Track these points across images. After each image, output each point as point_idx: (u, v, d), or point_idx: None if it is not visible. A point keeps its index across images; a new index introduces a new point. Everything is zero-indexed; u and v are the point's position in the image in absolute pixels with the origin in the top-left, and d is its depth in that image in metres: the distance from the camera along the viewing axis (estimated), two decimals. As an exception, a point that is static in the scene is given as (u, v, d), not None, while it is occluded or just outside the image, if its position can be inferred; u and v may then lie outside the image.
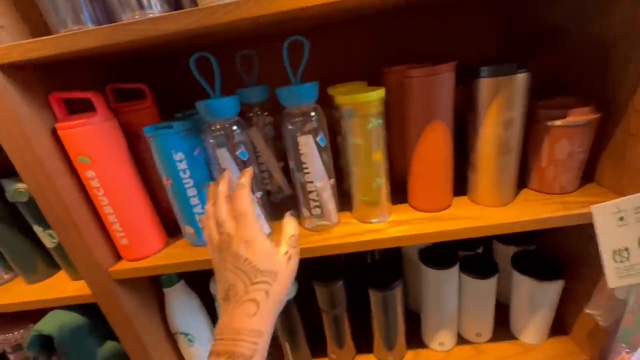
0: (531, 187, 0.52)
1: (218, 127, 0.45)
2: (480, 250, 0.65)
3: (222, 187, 0.36)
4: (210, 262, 0.44)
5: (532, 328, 0.61)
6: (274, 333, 0.31)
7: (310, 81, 0.44)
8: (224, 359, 0.27)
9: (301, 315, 0.62)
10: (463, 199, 0.53)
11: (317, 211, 0.49)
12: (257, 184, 0.49)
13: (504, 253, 0.64)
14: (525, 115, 0.45)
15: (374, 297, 0.58)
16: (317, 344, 0.66)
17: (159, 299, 0.61)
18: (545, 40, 0.55)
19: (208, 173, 0.50)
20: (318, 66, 0.68)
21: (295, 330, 0.62)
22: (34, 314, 0.65)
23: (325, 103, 0.49)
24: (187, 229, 0.51)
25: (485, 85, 0.43)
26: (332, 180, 0.49)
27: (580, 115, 0.44)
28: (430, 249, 0.61)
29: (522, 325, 0.62)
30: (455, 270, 0.57)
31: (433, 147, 0.46)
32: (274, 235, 0.52)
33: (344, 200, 0.53)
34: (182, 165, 0.47)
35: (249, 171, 0.37)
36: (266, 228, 0.51)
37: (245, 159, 0.46)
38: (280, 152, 0.63)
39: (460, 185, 0.52)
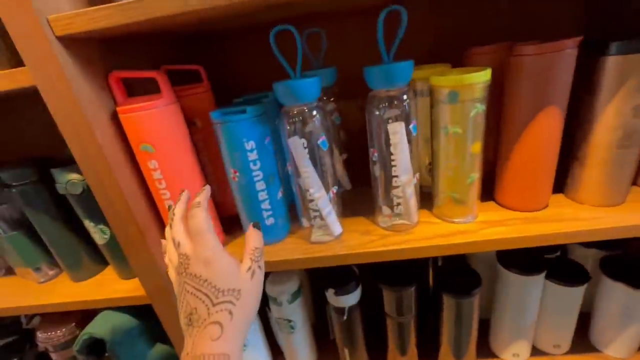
0: (642, 185, 0.46)
1: (296, 112, 0.39)
2: (558, 253, 0.59)
3: (177, 209, 0.34)
4: (285, 263, 0.43)
5: (620, 340, 0.55)
6: (332, 335, 0.26)
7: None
8: None
9: (363, 319, 0.57)
10: (559, 197, 0.47)
11: (399, 209, 0.44)
12: (333, 177, 0.44)
13: (584, 256, 0.58)
14: (655, 101, 0.38)
15: (449, 303, 0.53)
16: (376, 349, 0.61)
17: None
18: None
19: (276, 165, 0.45)
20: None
21: (355, 335, 0.57)
22: (77, 312, 0.61)
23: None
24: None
25: (613, 63, 0.36)
26: (418, 175, 0.44)
27: None
28: (511, 250, 0.55)
29: (608, 337, 0.56)
30: (541, 276, 0.51)
31: (541, 136, 0.40)
32: (346, 231, 0.47)
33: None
34: (253, 156, 0.42)
35: (205, 189, 0.34)
36: (338, 228, 0.46)
37: (325, 149, 0.41)
38: (344, 142, 0.57)
39: (557, 182, 0.46)
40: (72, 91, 0.34)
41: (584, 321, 0.59)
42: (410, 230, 0.45)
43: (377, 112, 0.39)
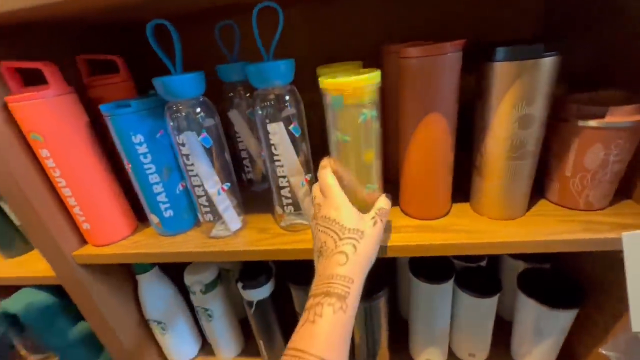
0: (550, 198, 0.43)
1: (180, 107, 0.39)
2: (484, 262, 0.57)
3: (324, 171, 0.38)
4: (178, 255, 0.45)
5: (535, 355, 0.54)
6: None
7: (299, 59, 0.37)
8: (320, 298, 0.30)
9: (277, 314, 0.58)
10: (464, 206, 0.45)
11: (290, 209, 0.44)
12: (227, 173, 0.44)
13: (513, 268, 0.56)
14: (548, 111, 0.36)
15: (356, 305, 0.52)
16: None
17: (132, 284, 0.58)
18: (592, 16, 0.44)
19: (173, 157, 0.45)
20: (310, 42, 0.60)
21: (269, 328, 0.58)
22: (8, 290, 0.65)
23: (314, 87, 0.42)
24: (152, 217, 0.47)
25: (499, 70, 0.34)
26: (309, 176, 0.43)
27: (623, 116, 0.35)
28: (422, 258, 0.54)
29: (524, 351, 0.55)
30: (449, 285, 0.50)
31: (429, 143, 0.38)
32: (246, 228, 0.47)
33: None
34: (142, 149, 0.42)
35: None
36: (236, 224, 0.46)
37: (208, 147, 0.40)
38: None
39: (465, 191, 0.44)
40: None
41: (508, 330, 0.58)
42: (305, 231, 0.45)
43: (260, 112, 0.39)
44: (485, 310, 0.52)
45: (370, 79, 0.34)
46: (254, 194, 0.59)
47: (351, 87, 0.34)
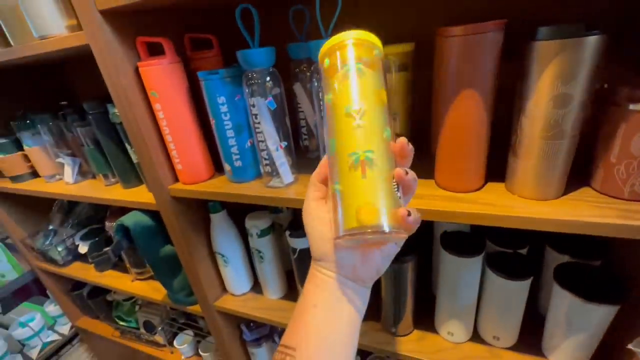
0: (594, 186, 0.43)
1: (254, 75, 0.49)
2: (524, 250, 0.57)
3: None
4: (241, 197, 0.55)
5: (566, 351, 0.52)
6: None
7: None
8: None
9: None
10: (499, 186, 0.47)
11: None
12: (285, 135, 0.53)
13: (555, 260, 0.55)
14: (592, 93, 0.36)
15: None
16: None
17: (207, 220, 0.73)
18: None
19: (246, 118, 0.56)
20: (366, 23, 0.65)
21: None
22: (127, 212, 0.85)
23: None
24: (226, 166, 0.59)
25: (539, 48, 0.36)
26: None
27: (679, 101, 0.33)
28: (456, 234, 0.56)
29: (554, 345, 0.54)
30: (477, 260, 0.52)
31: (465, 119, 0.41)
32: (297, 183, 0.56)
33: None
34: (224, 109, 0.53)
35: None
36: (289, 178, 0.55)
37: (273, 108, 0.50)
38: (322, 110, 0.64)
39: (502, 173, 0.46)
40: (108, 48, 0.51)
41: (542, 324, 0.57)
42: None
43: (316, 83, 0.47)
44: (514, 294, 0.53)
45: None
46: (308, 160, 0.68)
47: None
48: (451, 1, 0.58)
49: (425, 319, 0.64)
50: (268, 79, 0.49)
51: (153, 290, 0.91)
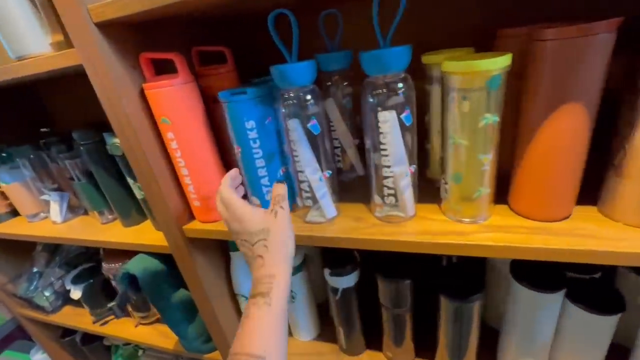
0: None
1: (292, 95, 0.41)
2: (598, 275, 0.50)
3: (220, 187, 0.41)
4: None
5: (661, 389, 0.46)
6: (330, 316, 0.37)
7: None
8: (249, 302, 0.35)
9: (359, 304, 0.58)
10: (590, 209, 0.40)
11: (391, 200, 0.43)
12: (328, 161, 0.45)
13: (633, 283, 0.49)
14: None
15: (446, 305, 0.50)
16: (374, 335, 0.62)
17: (226, 260, 0.63)
18: None
19: (278, 144, 0.47)
20: (413, 29, 0.58)
21: (351, 317, 0.59)
22: (129, 252, 0.75)
23: (416, 75, 0.40)
24: (254, 200, 0.50)
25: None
26: (414, 167, 0.42)
27: None
28: (528, 261, 0.49)
29: (645, 382, 0.47)
30: (558, 295, 0.45)
31: (562, 137, 0.34)
32: (341, 216, 0.48)
33: (428, 189, 0.46)
34: (253, 134, 0.45)
35: (230, 172, 0.43)
36: (332, 211, 0.47)
37: (316, 134, 0.41)
38: (357, 128, 0.57)
39: (590, 192, 0.39)
40: (106, 68, 0.41)
41: (624, 356, 0.50)
42: (402, 223, 0.44)
43: (371, 100, 0.38)
44: (601, 331, 0.46)
45: (501, 61, 0.32)
46: (342, 183, 0.60)
47: (477, 70, 0.33)
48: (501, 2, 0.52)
49: (485, 354, 0.56)
50: (309, 97, 0.40)
51: (161, 336, 0.80)
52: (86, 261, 0.94)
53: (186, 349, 0.72)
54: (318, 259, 0.69)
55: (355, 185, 0.56)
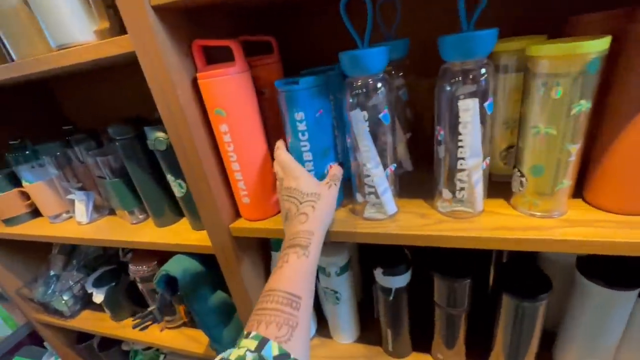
0: None
1: (360, 83, 0.38)
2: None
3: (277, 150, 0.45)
4: (336, 234, 0.45)
5: None
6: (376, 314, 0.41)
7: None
8: (287, 250, 0.36)
9: (410, 304, 0.56)
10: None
11: (463, 194, 0.41)
12: (392, 154, 0.43)
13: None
14: None
15: (509, 304, 0.48)
16: (421, 337, 0.60)
17: (266, 259, 0.61)
18: None
19: (331, 138, 0.45)
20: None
21: (400, 318, 0.57)
22: (160, 253, 0.72)
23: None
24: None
25: None
26: (488, 160, 0.40)
27: None
28: (594, 257, 0.47)
29: None
30: (633, 294, 0.43)
31: (658, 126, 0.32)
32: (401, 212, 0.45)
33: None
34: (302, 126, 0.42)
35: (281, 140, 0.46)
36: (393, 207, 0.44)
37: (387, 124, 0.39)
38: (408, 121, 0.54)
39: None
40: (161, 56, 0.39)
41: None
42: (471, 219, 0.42)
43: (449, 87, 0.36)
44: (675, 328, 0.44)
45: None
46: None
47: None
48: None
49: (540, 358, 0.54)
50: (379, 85, 0.38)
51: (189, 340, 0.77)
52: (105, 264, 0.91)
53: (219, 353, 0.68)
54: (354, 258, 0.66)
55: (404, 182, 0.54)
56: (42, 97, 0.91)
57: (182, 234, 0.60)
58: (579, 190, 0.42)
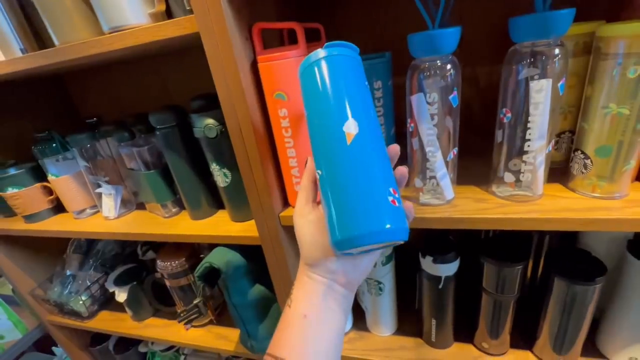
0: None
1: (427, 65, 0.38)
2: None
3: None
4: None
5: None
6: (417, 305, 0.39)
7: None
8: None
9: (455, 292, 0.55)
10: None
11: (527, 177, 0.41)
12: (455, 137, 0.43)
13: None
14: None
15: (561, 288, 0.48)
16: (462, 328, 0.60)
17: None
18: None
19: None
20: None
21: (446, 307, 0.56)
22: (187, 249, 0.70)
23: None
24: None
25: None
26: (553, 142, 0.40)
27: None
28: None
29: None
30: (688, 274, 0.44)
31: None
32: (457, 197, 0.45)
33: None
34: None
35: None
36: (450, 192, 0.45)
37: (455, 106, 0.39)
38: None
39: None
40: (228, 37, 0.38)
41: None
42: (534, 202, 0.42)
43: (519, 69, 0.37)
44: None
45: None
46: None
47: None
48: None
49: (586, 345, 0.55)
50: (449, 67, 0.38)
51: (219, 338, 0.75)
52: (122, 262, 0.88)
53: (254, 350, 0.67)
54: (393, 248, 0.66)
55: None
56: (57, 91, 0.88)
57: (222, 225, 0.58)
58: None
